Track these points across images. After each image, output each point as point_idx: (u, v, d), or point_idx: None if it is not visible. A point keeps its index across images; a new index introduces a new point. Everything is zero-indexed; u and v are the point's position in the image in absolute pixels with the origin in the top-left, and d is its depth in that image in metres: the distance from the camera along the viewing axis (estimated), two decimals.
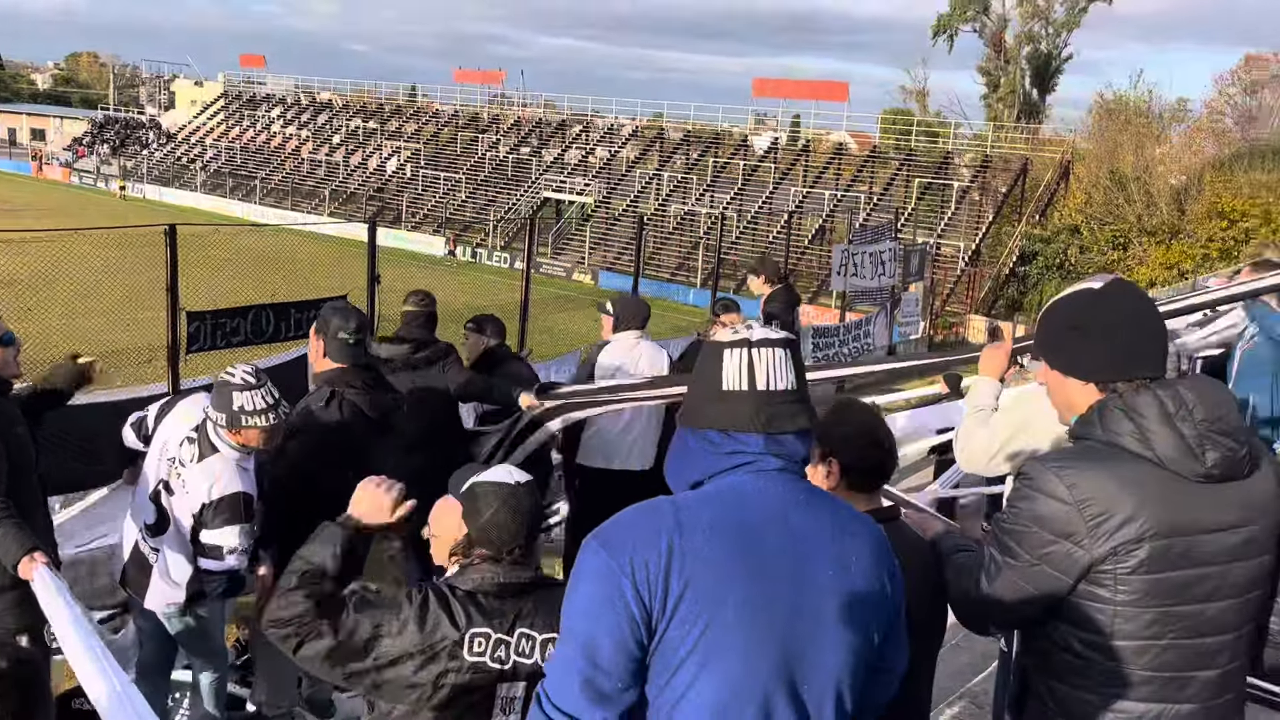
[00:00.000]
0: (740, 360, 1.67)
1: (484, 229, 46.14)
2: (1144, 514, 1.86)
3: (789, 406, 1.67)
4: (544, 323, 22.99)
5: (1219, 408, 1.92)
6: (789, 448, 1.67)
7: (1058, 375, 2.09)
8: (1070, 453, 2.01)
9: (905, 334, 24.69)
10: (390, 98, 60.83)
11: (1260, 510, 1.94)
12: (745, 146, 47.15)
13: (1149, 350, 2.01)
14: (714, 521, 1.59)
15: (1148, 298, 2.17)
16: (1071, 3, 48.35)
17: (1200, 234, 30.97)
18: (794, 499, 1.65)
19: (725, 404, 1.67)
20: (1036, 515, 1.94)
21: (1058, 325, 2.10)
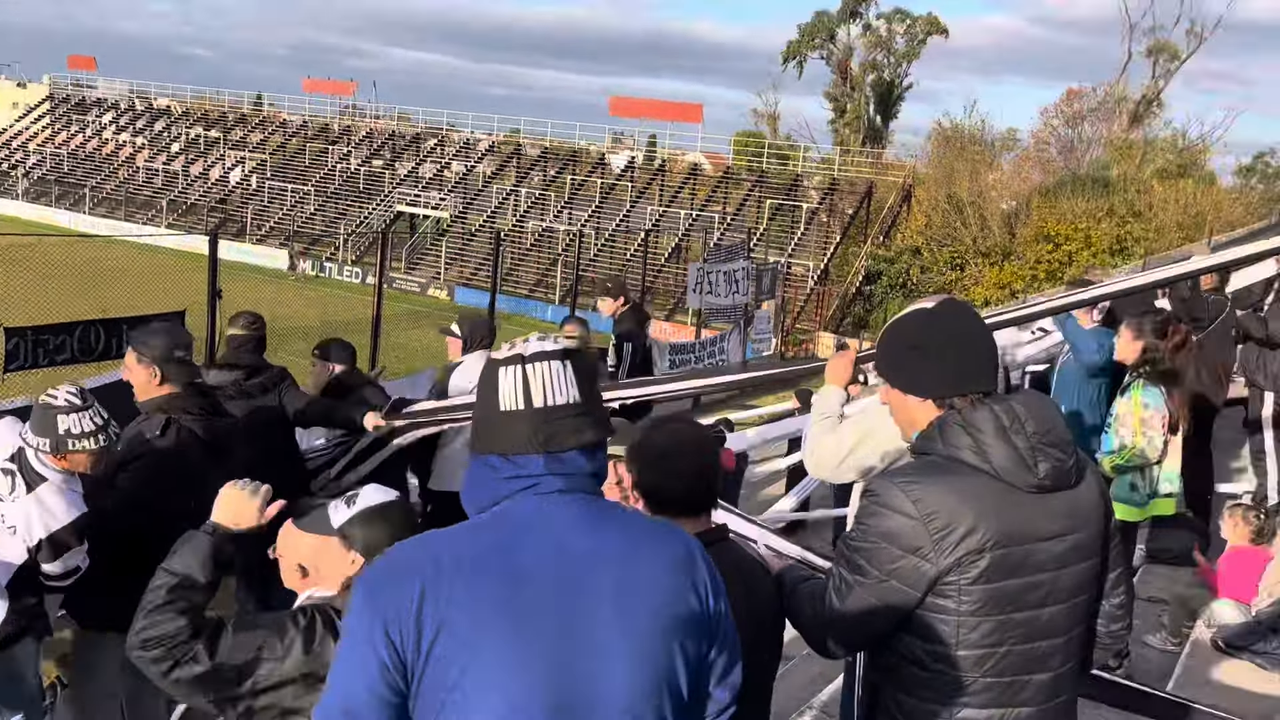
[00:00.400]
0: (515, 378, 1.59)
1: (334, 243, 44.85)
2: (984, 525, 1.91)
3: (571, 421, 1.58)
4: (397, 339, 22.48)
5: (1048, 421, 1.99)
6: (573, 465, 1.58)
7: (899, 394, 2.13)
8: (913, 468, 2.05)
9: (758, 350, 25.27)
10: (234, 106, 58.49)
11: (1086, 518, 2.03)
12: (602, 164, 47.48)
13: (982, 367, 2.07)
14: (477, 555, 1.49)
15: (979, 316, 2.23)
16: (911, 35, 50.82)
17: (1029, 256, 32.96)
18: (574, 521, 1.55)
19: (504, 426, 1.58)
20: (884, 531, 1.96)
21: (896, 345, 2.15)
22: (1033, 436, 1.96)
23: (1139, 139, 42.37)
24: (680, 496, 2.24)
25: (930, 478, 1.97)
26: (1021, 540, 1.94)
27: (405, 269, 41.85)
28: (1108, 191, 34.05)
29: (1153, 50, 45.05)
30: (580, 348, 1.66)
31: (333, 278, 40.81)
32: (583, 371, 1.63)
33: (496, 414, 1.59)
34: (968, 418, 1.99)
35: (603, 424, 1.63)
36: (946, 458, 1.99)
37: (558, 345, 1.63)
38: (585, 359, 1.65)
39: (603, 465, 1.63)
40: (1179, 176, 35.98)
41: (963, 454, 1.97)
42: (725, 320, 25.47)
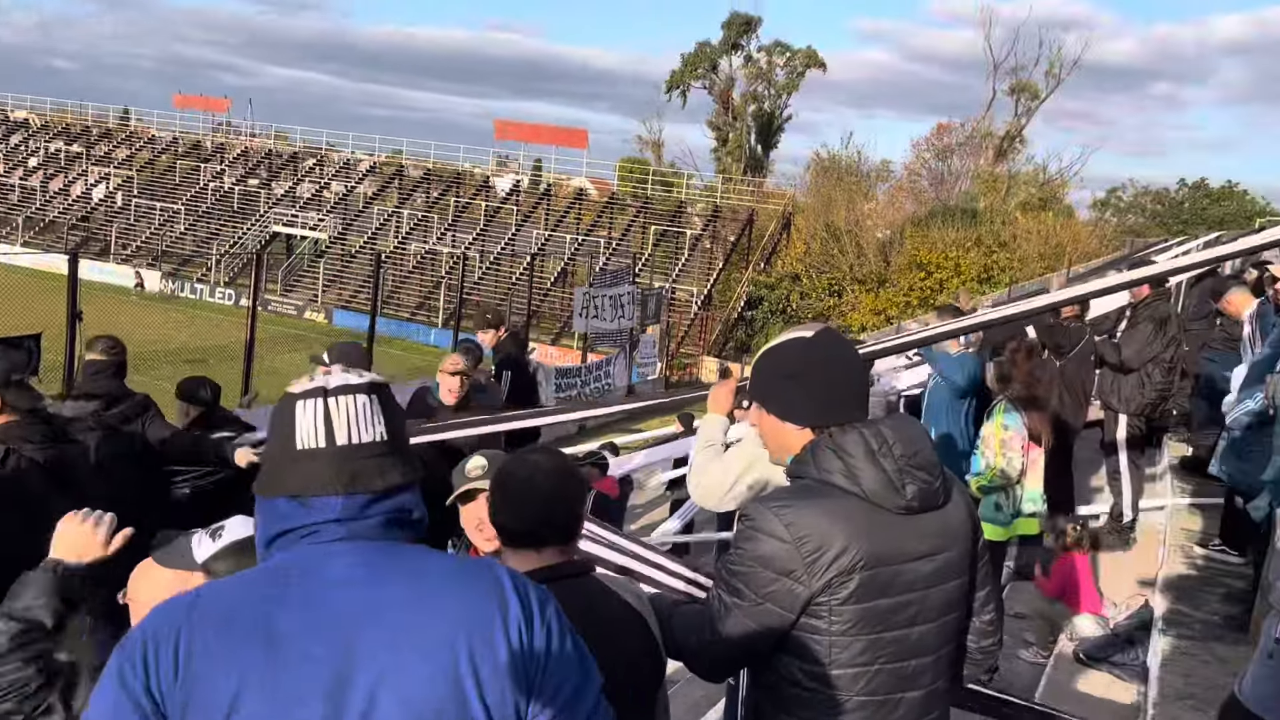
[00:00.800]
0: (315, 412, 1.45)
1: (205, 263, 43.27)
2: (854, 546, 1.95)
3: (377, 461, 1.46)
4: (272, 364, 21.76)
5: (914, 443, 2.04)
6: (379, 507, 1.45)
7: (774, 420, 2.16)
8: (787, 492, 2.08)
9: (643, 374, 25.45)
10: (99, 120, 55.98)
11: (954, 537, 2.09)
12: (487, 187, 47.18)
13: (855, 394, 2.13)
14: (240, 611, 1.35)
15: (852, 345, 2.28)
16: (791, 68, 52.29)
17: (903, 283, 34.18)
18: (352, 572, 1.39)
19: (302, 465, 1.44)
20: (759, 555, 1.98)
21: (773, 373, 2.17)
22: (900, 459, 2.01)
23: (1004, 173, 44.54)
24: (528, 529, 2.10)
25: (802, 501, 2.00)
26: (890, 561, 1.99)
27: (281, 291, 40.66)
28: (975, 222, 35.64)
29: (1015, 89, 47.53)
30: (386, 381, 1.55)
31: (204, 300, 39.34)
32: (390, 407, 1.52)
33: (293, 452, 1.45)
34: (838, 441, 2.03)
35: (411, 463, 1.51)
36: (819, 481, 2.03)
37: (362, 378, 1.51)
38: (392, 394, 1.54)
39: (410, 506, 1.50)
40: (1041, 209, 37.94)
41: (834, 477, 2.01)
42: (611, 344, 25.58)
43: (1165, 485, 7.72)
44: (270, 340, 25.33)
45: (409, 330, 35.38)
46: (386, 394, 1.53)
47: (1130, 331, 6.85)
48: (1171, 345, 6.78)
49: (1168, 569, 5.79)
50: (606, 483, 8.35)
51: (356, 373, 1.52)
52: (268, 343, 22.94)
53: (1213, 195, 45.39)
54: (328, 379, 1.49)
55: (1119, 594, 5.68)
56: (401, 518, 1.48)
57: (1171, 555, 6.00)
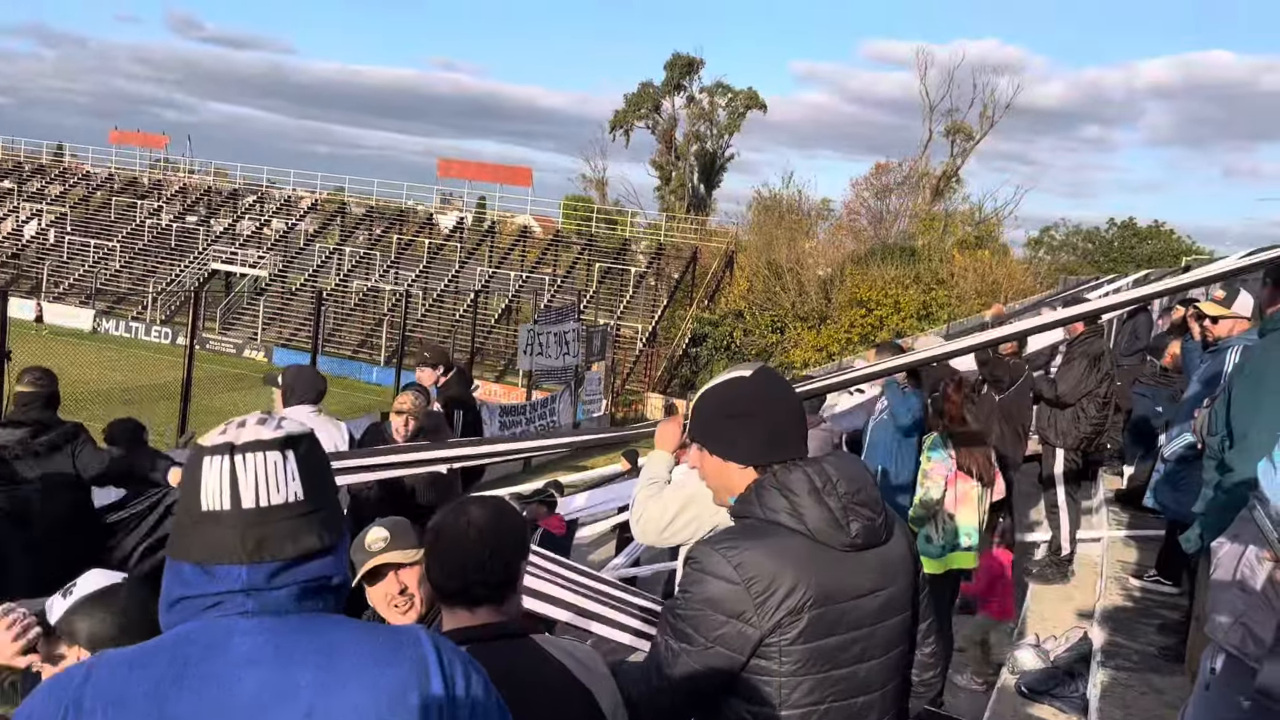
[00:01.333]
0: (221, 471, 1.33)
1: (141, 301, 42.39)
2: (802, 585, 1.94)
3: (289, 524, 1.33)
4: (210, 403, 21.32)
5: (857, 481, 2.06)
6: (290, 576, 1.33)
7: (716, 461, 2.15)
8: (733, 532, 2.06)
9: (589, 411, 25.39)
10: (32, 155, 54.81)
11: (896, 572, 2.11)
12: (431, 225, 47.02)
13: (795, 432, 2.13)
14: (126, 695, 1.25)
15: (789, 384, 2.28)
16: (732, 108, 53.08)
17: (844, 320, 34.63)
18: (258, 651, 1.28)
19: (205, 528, 1.32)
20: (707, 598, 1.96)
21: (713, 413, 2.16)
22: (844, 497, 2.02)
23: (941, 212, 45.54)
24: (460, 587, 2.01)
25: (749, 541, 1.99)
26: (837, 599, 1.99)
27: (220, 329, 39.97)
28: (914, 260, 36.32)
29: (950, 131, 48.75)
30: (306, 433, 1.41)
31: (139, 338, 38.49)
32: (311, 462, 1.38)
33: (197, 513, 1.32)
34: (782, 480, 2.04)
35: (331, 525, 1.38)
36: (764, 520, 2.02)
37: (278, 431, 1.37)
38: (315, 446, 1.41)
39: (329, 573, 1.37)
40: (977, 247, 38.77)
41: (779, 516, 2.01)
42: (556, 381, 25.51)
43: (1101, 518, 7.88)
44: (209, 379, 24.85)
45: (351, 368, 34.95)
46: (307, 447, 1.39)
47: (1065, 367, 7.01)
48: (1105, 380, 6.94)
49: (1105, 600, 5.89)
50: (554, 520, 8.29)
51: (274, 424, 1.38)
52: (205, 382, 22.50)
53: (1141, 234, 46.83)
54: (239, 432, 1.36)
55: (1059, 626, 5.76)
56: (317, 585, 1.36)
57: (1109, 587, 6.11)
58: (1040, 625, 5.92)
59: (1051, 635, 5.59)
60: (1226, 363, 4.50)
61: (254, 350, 37.54)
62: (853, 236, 45.10)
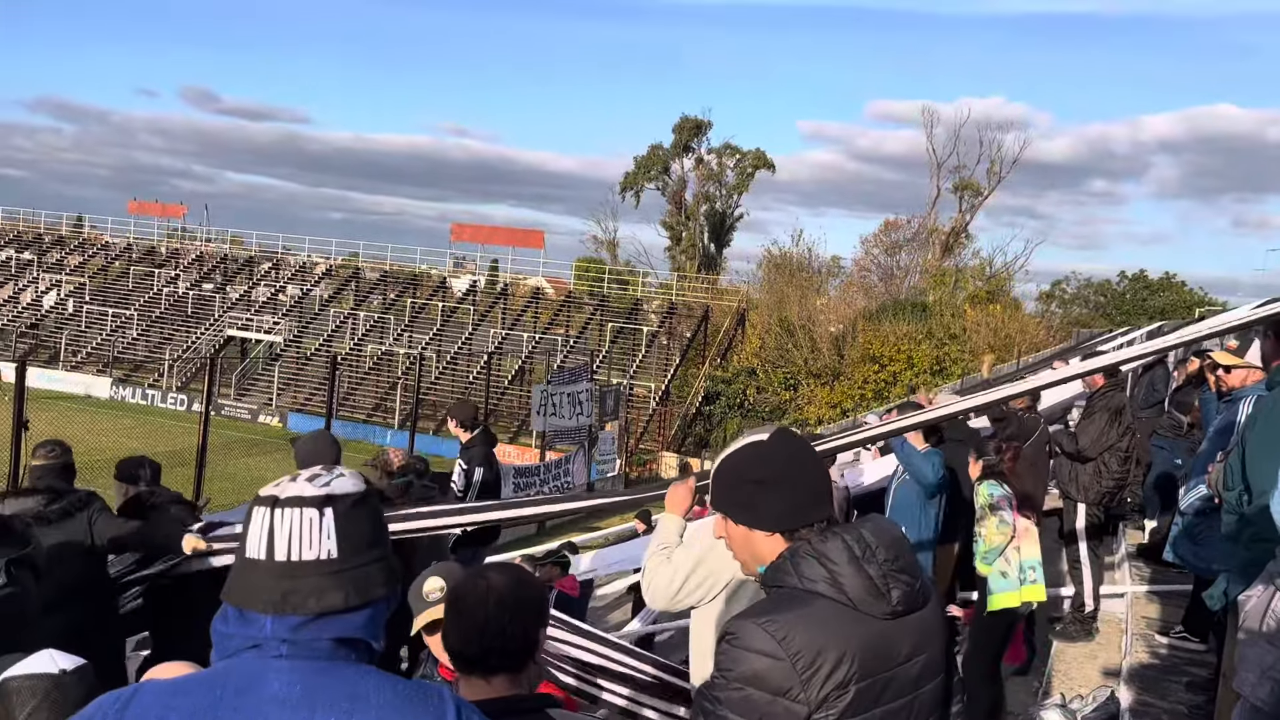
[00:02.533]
0: (263, 522, 1.41)
1: (158, 369, 42.72)
2: (848, 657, 1.87)
3: (315, 581, 1.38)
4: (225, 469, 21.37)
5: (895, 546, 1.99)
6: (315, 630, 1.38)
7: (742, 530, 2.06)
8: (770, 604, 1.95)
9: (603, 471, 25.32)
10: (51, 227, 55.71)
11: (933, 635, 2.03)
12: (444, 288, 47.41)
13: (819, 493, 2.05)
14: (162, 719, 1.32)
15: (809, 444, 2.20)
16: (740, 169, 53.70)
17: (857, 376, 34.58)
18: (293, 691, 1.34)
19: (245, 574, 1.40)
20: (750, 675, 1.85)
21: (736, 481, 2.08)
22: (884, 564, 1.95)
23: (951, 267, 45.70)
24: (477, 656, 2.03)
25: (789, 613, 1.89)
26: (881, 669, 1.92)
27: (235, 395, 40.17)
28: (926, 315, 36.37)
29: (958, 187, 49.15)
30: (367, 490, 1.48)
31: (155, 405, 38.70)
32: (351, 521, 1.43)
33: (241, 559, 1.42)
34: (819, 548, 1.95)
35: (362, 584, 1.42)
36: (803, 590, 1.93)
37: (322, 489, 1.43)
38: (360, 506, 1.46)
39: (355, 631, 1.42)
40: (988, 302, 38.84)
41: (818, 585, 1.92)
42: (570, 442, 25.48)
43: (1124, 573, 7.77)
44: (224, 445, 24.91)
45: (366, 432, 34.97)
46: (349, 506, 1.44)
47: (1086, 421, 6.97)
48: (1127, 434, 6.90)
49: (1132, 658, 5.79)
50: (568, 581, 8.24)
51: (321, 482, 1.44)
52: (221, 448, 22.56)
53: (1152, 287, 46.83)
54: (287, 486, 1.44)
55: (1084, 685, 5.65)
56: (347, 639, 1.41)
57: (1135, 644, 6.00)
58: (1065, 684, 5.81)
59: (1078, 694, 5.48)
60: (1240, 413, 4.48)
61: (269, 415, 37.68)
62: (864, 293, 45.29)
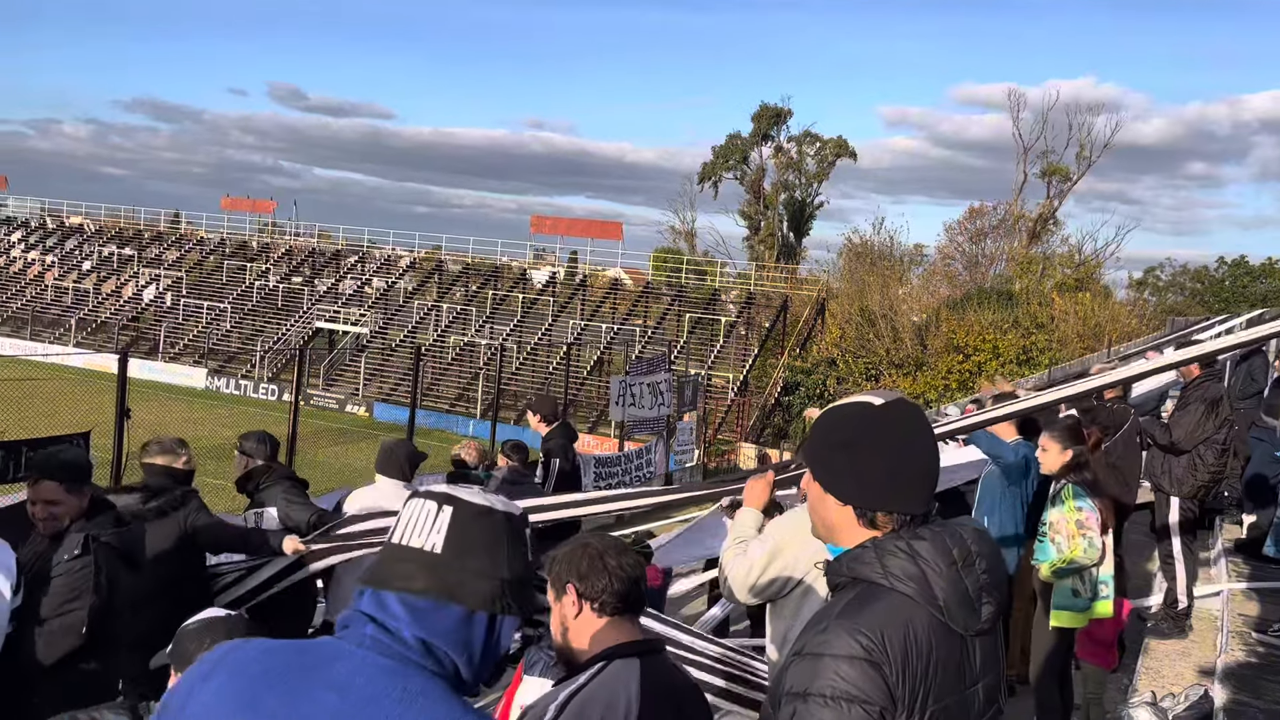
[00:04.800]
0: (409, 510, 1.52)
1: (250, 360, 44.08)
2: (932, 673, 1.70)
3: (410, 566, 1.44)
4: (314, 457, 21.98)
5: (995, 558, 1.80)
6: (390, 611, 1.42)
7: (818, 489, 1.87)
8: (853, 605, 1.73)
9: (681, 462, 25.33)
10: (150, 224, 57.89)
11: (997, 659, 1.87)
12: (524, 280, 47.95)
13: (918, 484, 1.81)
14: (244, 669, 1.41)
15: (929, 426, 1.90)
16: (821, 157, 53.12)
17: (940, 367, 33.97)
18: (348, 680, 1.37)
19: (389, 554, 1.50)
20: (845, 690, 1.64)
21: (827, 437, 1.87)
22: (983, 576, 1.75)
23: (1038, 255, 44.54)
24: (625, 593, 2.33)
25: (875, 615, 1.69)
26: (954, 690, 1.75)
27: (323, 385, 41.23)
28: (1012, 304, 35.53)
29: (1046, 172, 47.83)
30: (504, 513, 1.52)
31: (248, 395, 39.96)
32: (467, 527, 1.47)
33: (389, 541, 1.52)
34: (916, 547, 1.74)
35: (453, 584, 1.44)
36: (886, 589, 1.73)
37: (452, 490, 1.52)
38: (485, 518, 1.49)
39: (438, 633, 1.43)
40: (1077, 290, 37.77)
41: (905, 585, 1.72)
42: (648, 432, 25.55)
43: (1221, 569, 7.51)
44: (313, 434, 25.61)
45: (448, 421, 35.61)
46: (469, 513, 1.48)
47: (1180, 412, 6.74)
48: (1224, 427, 6.65)
49: (1227, 657, 5.60)
50: (651, 571, 8.30)
51: (466, 488, 1.54)
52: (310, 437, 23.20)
53: (1254, 272, 45.03)
54: (436, 485, 1.59)
55: (1176, 683, 5.49)
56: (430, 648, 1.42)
57: (1230, 642, 5.81)
58: (1156, 682, 5.65)
59: (1169, 693, 5.33)
60: None
61: (356, 405, 38.60)
62: (947, 281, 44.45)
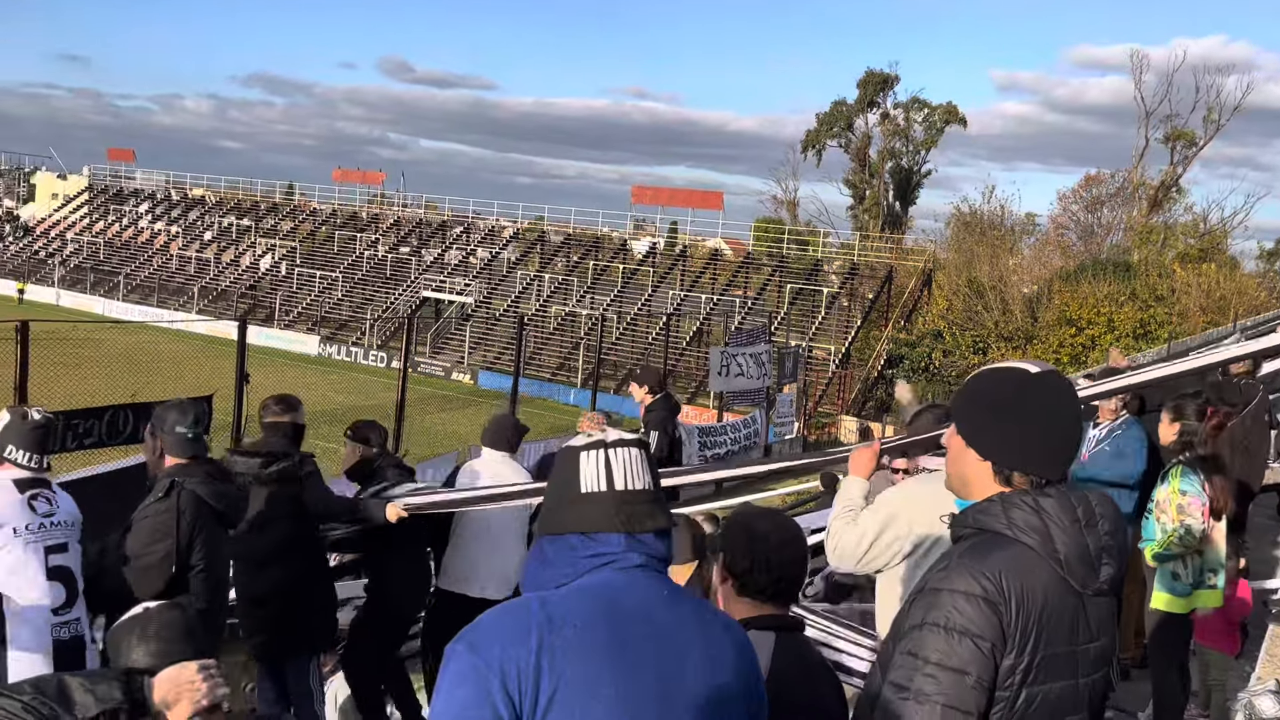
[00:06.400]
0: (598, 462, 1.70)
1: (360, 327, 45.42)
2: (1049, 615, 1.78)
3: (647, 506, 1.69)
4: (422, 423, 22.56)
5: (1116, 522, 1.87)
6: (650, 546, 1.69)
7: (961, 443, 1.97)
8: (978, 550, 1.84)
9: (780, 434, 25.18)
10: (266, 195, 59.99)
11: (1111, 623, 1.92)
12: (625, 250, 48.10)
13: (1058, 452, 1.90)
14: (583, 616, 1.58)
15: (1077, 400, 2.01)
16: (929, 123, 51.66)
17: (1052, 340, 32.86)
18: (658, 595, 1.66)
19: (584, 506, 1.68)
20: (962, 624, 1.76)
21: (978, 397, 1.98)
22: (1104, 537, 1.83)
23: (1159, 224, 42.55)
24: (769, 584, 2.32)
25: (998, 560, 1.79)
26: (1064, 643, 1.82)
27: (430, 353, 42.21)
28: (1130, 276, 34.07)
29: (1170, 137, 45.52)
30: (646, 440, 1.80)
31: (358, 362, 41.21)
32: (654, 463, 1.75)
33: (577, 495, 1.69)
34: (1042, 503, 1.83)
35: (668, 512, 1.75)
36: (1009, 539, 1.83)
37: (633, 436, 1.75)
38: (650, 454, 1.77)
39: (669, 550, 1.74)
40: (1201, 261, 36.00)
41: (1028, 537, 1.81)
42: (748, 403, 25.47)
43: None
44: (420, 400, 26.30)
45: (549, 390, 36.09)
46: (649, 451, 1.77)
47: None
48: None
49: None
50: None
51: (618, 434, 1.75)
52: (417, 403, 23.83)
53: None
54: (605, 435, 1.74)
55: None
56: (665, 557, 1.72)
57: None
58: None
59: None
60: None
61: (461, 373, 39.44)
62: (1061, 252, 42.84)
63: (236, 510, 4.25)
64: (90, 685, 2.05)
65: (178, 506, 3.94)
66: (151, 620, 2.22)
